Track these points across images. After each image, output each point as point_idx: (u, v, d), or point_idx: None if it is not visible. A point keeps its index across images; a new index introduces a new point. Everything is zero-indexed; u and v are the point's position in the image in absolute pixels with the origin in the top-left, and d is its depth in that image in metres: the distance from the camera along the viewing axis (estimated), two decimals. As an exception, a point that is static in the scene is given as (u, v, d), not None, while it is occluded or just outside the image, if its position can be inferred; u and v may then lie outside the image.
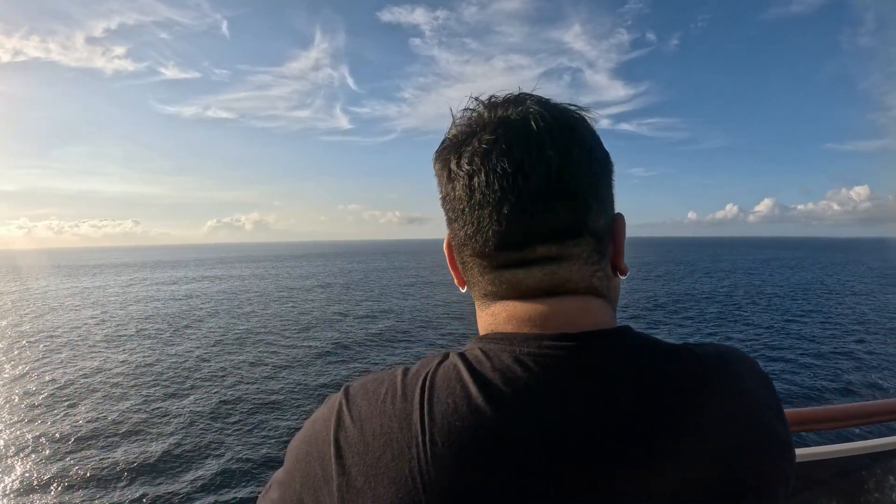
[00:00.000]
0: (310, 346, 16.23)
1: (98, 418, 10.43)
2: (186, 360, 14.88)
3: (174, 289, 37.00)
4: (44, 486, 7.76)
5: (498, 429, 0.38)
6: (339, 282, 40.33)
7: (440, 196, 0.50)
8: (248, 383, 12.57)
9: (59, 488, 7.69)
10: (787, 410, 1.11)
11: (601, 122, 0.49)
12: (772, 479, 0.42)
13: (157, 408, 10.96)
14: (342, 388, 0.46)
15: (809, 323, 19.86)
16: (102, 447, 9.13)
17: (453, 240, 0.50)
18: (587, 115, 0.48)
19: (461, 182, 0.46)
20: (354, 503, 0.39)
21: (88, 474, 8.12)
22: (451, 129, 0.50)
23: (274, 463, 8.54)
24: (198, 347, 16.62)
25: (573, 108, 0.48)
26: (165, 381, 12.96)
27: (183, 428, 9.75)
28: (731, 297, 27.68)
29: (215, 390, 12.11)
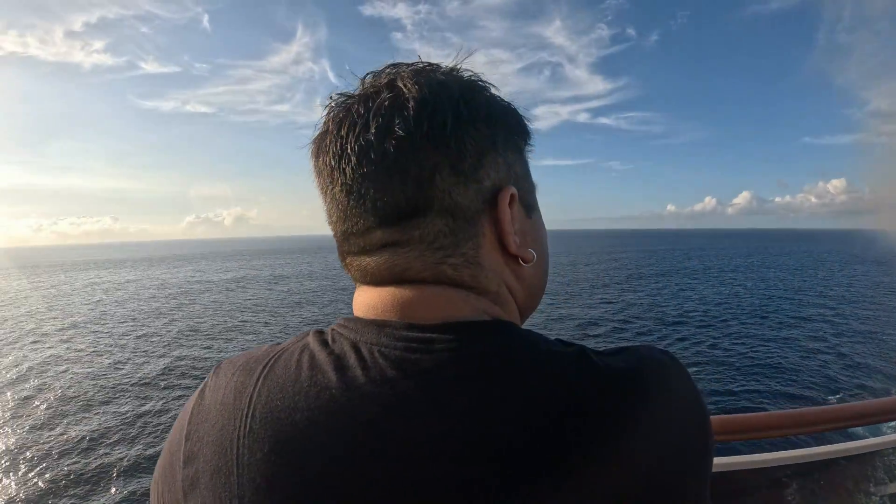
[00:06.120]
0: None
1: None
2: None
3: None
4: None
5: (311, 416, 0.35)
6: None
7: None
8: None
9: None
10: (719, 418, 0.99)
11: (580, 117, 0.36)
12: None
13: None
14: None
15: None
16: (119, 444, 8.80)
17: None
18: (443, 67, 0.42)
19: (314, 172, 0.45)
20: (189, 469, 0.39)
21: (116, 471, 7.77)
22: None
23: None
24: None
25: (424, 64, 0.43)
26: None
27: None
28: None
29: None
